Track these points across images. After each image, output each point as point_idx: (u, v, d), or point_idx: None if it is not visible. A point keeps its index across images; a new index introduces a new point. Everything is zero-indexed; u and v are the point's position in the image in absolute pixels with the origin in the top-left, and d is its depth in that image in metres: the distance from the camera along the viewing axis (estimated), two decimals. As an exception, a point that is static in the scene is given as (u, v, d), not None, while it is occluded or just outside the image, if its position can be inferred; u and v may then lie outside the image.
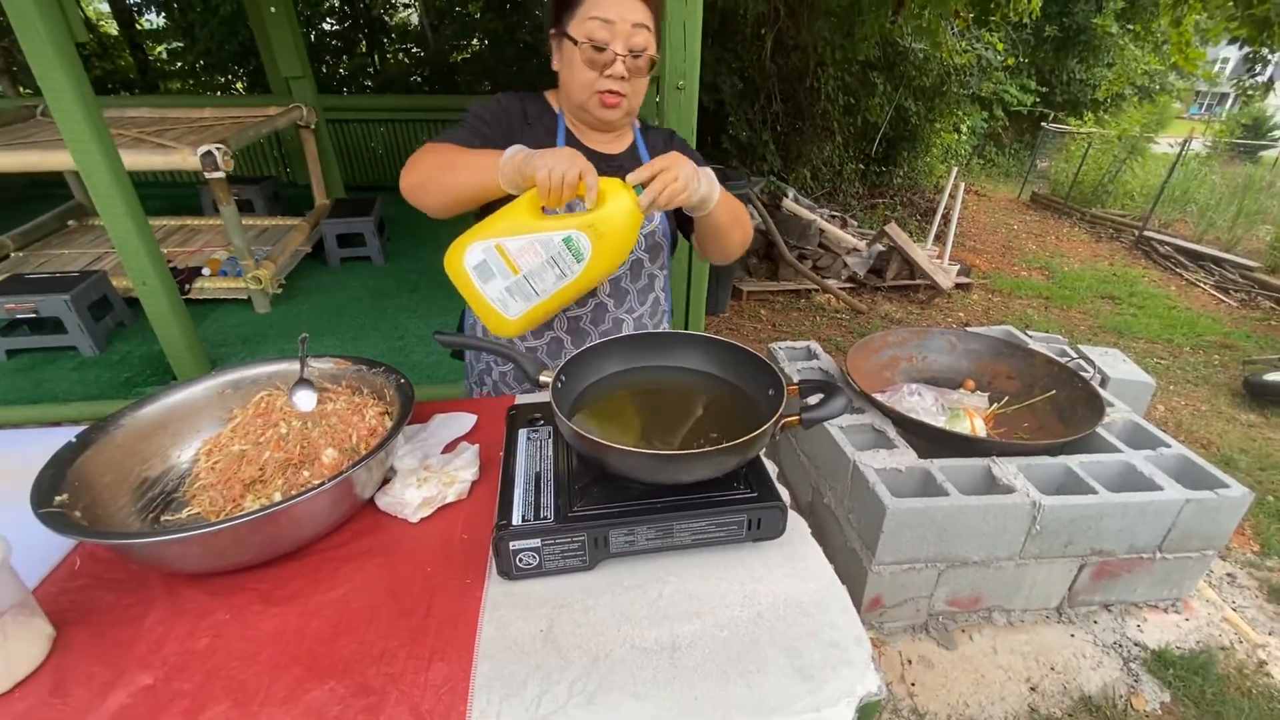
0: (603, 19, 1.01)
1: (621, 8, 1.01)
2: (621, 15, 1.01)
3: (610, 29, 1.02)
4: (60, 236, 3.33)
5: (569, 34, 1.04)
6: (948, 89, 7.31)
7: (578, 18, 1.03)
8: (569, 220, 0.95)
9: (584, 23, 1.02)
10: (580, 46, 1.03)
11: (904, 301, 5.04)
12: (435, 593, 0.81)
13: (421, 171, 1.03)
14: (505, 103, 1.15)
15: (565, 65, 1.08)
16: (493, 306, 0.99)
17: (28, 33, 1.65)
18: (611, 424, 0.88)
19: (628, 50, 1.03)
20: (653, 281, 1.25)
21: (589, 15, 1.01)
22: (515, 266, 0.96)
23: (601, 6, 1.01)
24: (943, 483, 1.78)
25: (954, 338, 2.47)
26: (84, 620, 0.80)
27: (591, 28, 1.02)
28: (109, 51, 6.94)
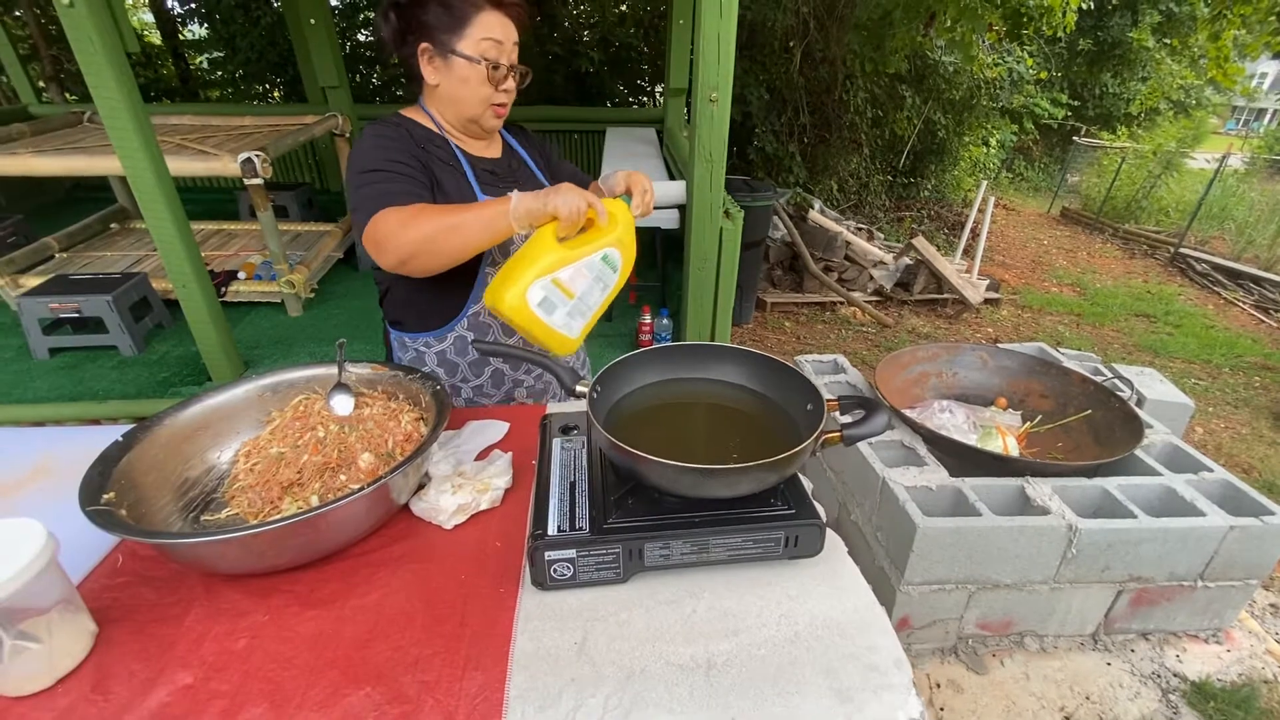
0: (494, 40, 1.12)
1: (506, 29, 1.13)
2: (507, 35, 1.13)
3: (500, 48, 1.13)
4: (103, 239, 3.43)
5: (463, 53, 1.11)
6: (977, 102, 7.24)
7: (469, 38, 1.11)
8: (601, 240, 1.06)
9: (478, 43, 1.11)
10: (480, 64, 1.12)
11: (931, 316, 4.97)
12: (470, 600, 0.82)
13: (414, 243, 1.03)
14: (397, 137, 1.15)
15: (458, 82, 1.14)
16: (559, 332, 1.06)
17: (82, 43, 1.71)
18: (647, 436, 0.88)
19: (510, 66, 1.15)
20: None
21: (482, 36, 1.11)
22: (570, 292, 1.05)
23: (492, 29, 1.11)
24: (975, 502, 1.75)
25: (985, 354, 2.43)
26: (126, 617, 0.81)
27: (485, 47, 1.11)
28: (152, 61, 7.18)
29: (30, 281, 2.74)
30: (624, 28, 6.95)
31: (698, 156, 2.02)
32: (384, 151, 1.12)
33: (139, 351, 2.52)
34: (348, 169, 1.15)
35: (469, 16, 1.10)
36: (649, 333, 2.50)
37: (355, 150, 1.14)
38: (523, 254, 1.04)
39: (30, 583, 0.69)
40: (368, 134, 1.15)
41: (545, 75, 6.77)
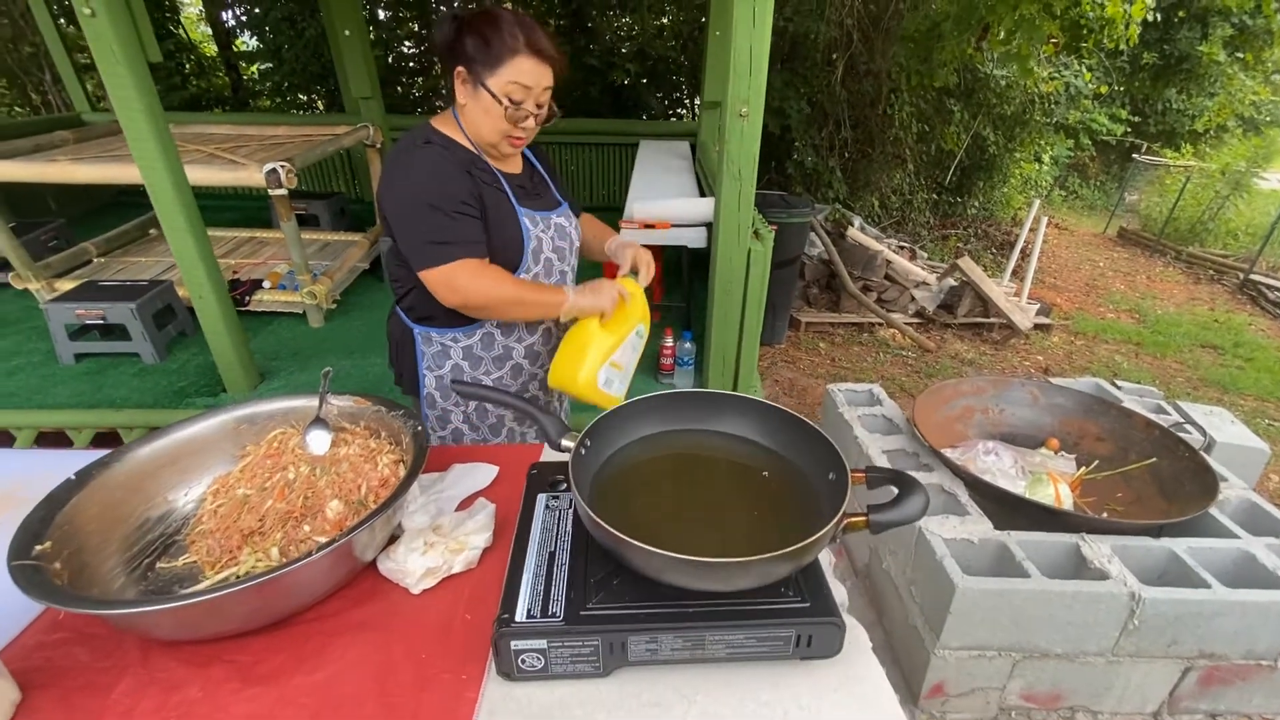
0: (522, 84, 1.15)
1: (538, 75, 1.15)
2: (538, 81, 1.16)
3: (527, 92, 1.16)
4: (140, 244, 3.50)
5: (490, 89, 1.14)
6: (1030, 117, 6.92)
7: (499, 77, 1.14)
8: (632, 320, 1.34)
9: (506, 84, 1.14)
10: (501, 103, 1.15)
11: (976, 341, 4.72)
12: (427, 687, 0.71)
13: (483, 302, 1.20)
14: (453, 167, 1.19)
15: (481, 110, 1.18)
16: (613, 396, 1.31)
17: (104, 53, 1.70)
18: (638, 504, 0.76)
19: (537, 107, 1.19)
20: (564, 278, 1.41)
21: (511, 79, 1.14)
22: (620, 366, 1.34)
23: (523, 74, 1.14)
24: (1022, 561, 1.57)
25: (1036, 389, 2.24)
26: (53, 683, 0.73)
27: (511, 89, 1.14)
28: (205, 71, 7.43)
29: (65, 286, 2.78)
30: (663, 40, 6.88)
31: (726, 173, 1.91)
32: (444, 185, 1.16)
33: (160, 359, 2.52)
34: (402, 191, 1.17)
35: (504, 58, 1.13)
36: (670, 356, 2.38)
37: (408, 173, 1.16)
38: (580, 343, 1.27)
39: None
40: (422, 160, 1.17)
41: (581, 87, 6.75)
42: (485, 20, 1.13)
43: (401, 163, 1.17)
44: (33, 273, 2.76)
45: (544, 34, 1.16)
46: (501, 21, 1.13)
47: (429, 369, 1.36)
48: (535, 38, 1.14)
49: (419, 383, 1.38)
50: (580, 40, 6.80)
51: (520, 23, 1.14)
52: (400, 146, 1.19)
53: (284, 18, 6.69)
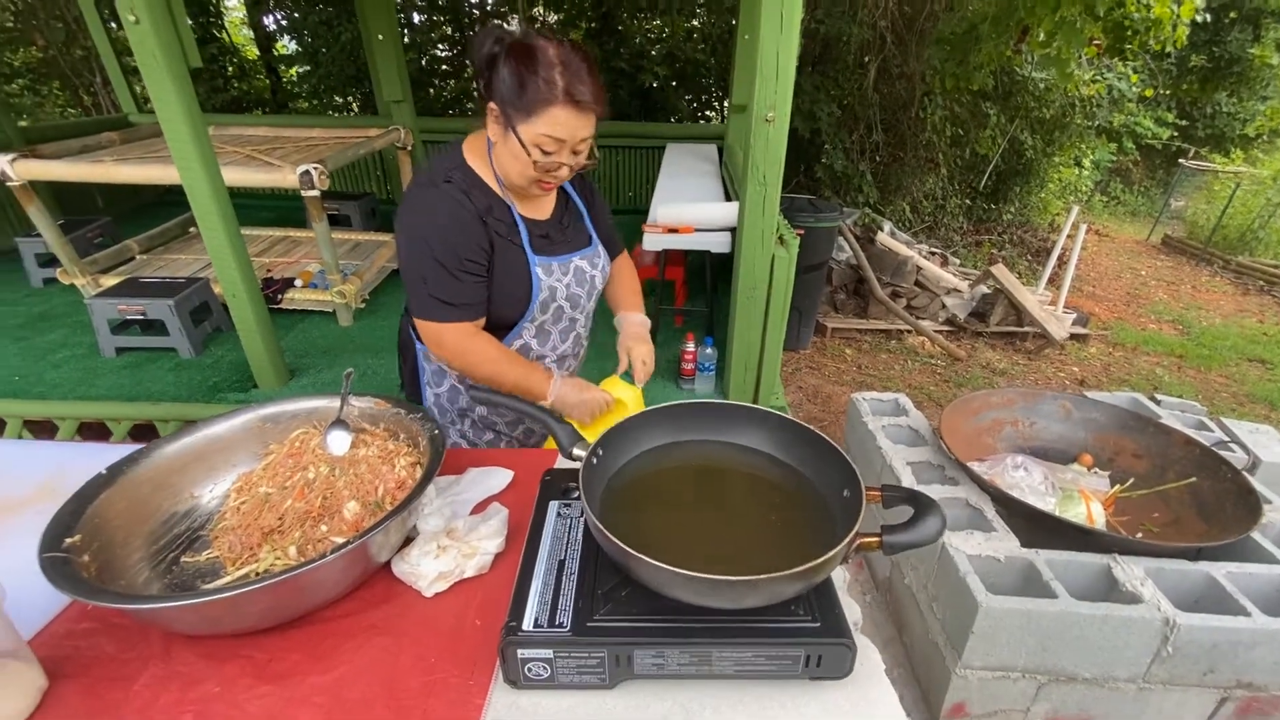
0: (556, 138, 1.04)
1: (574, 128, 1.04)
2: (573, 134, 1.05)
3: (560, 145, 1.06)
4: (181, 242, 3.62)
5: (520, 136, 1.05)
6: (1070, 121, 6.73)
7: (531, 126, 1.04)
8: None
9: (538, 134, 1.04)
10: (530, 151, 1.06)
11: (1009, 350, 4.61)
12: (434, 692, 0.72)
13: (462, 365, 1.18)
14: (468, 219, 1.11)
15: (510, 154, 1.09)
16: None
17: (146, 59, 1.76)
18: (649, 516, 0.76)
19: (572, 154, 1.09)
20: (574, 324, 1.35)
21: (544, 131, 1.04)
22: None
23: (557, 126, 1.03)
24: (1049, 580, 1.52)
25: (1069, 403, 2.17)
26: (79, 673, 0.75)
27: (543, 140, 1.05)
28: (247, 73, 7.66)
29: (109, 282, 2.89)
30: (692, 43, 6.87)
31: (750, 179, 1.89)
32: (453, 239, 1.10)
33: (196, 354, 2.60)
34: (412, 232, 1.11)
35: (538, 106, 1.02)
36: (692, 361, 2.37)
37: (422, 215, 1.10)
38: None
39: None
40: (438, 204, 1.10)
41: (610, 90, 6.76)
42: (523, 57, 1.01)
43: (420, 200, 1.11)
44: (79, 268, 2.87)
45: (588, 78, 1.03)
46: (540, 63, 1.00)
47: (428, 384, 1.35)
48: (575, 86, 1.01)
49: (420, 394, 1.38)
50: (610, 43, 6.82)
51: (563, 64, 1.01)
52: (423, 179, 1.13)
53: (322, 21, 6.86)
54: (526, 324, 1.23)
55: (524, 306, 1.20)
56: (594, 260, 1.31)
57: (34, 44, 6.78)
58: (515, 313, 1.20)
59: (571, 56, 1.02)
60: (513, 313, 1.21)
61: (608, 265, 1.37)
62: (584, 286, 1.29)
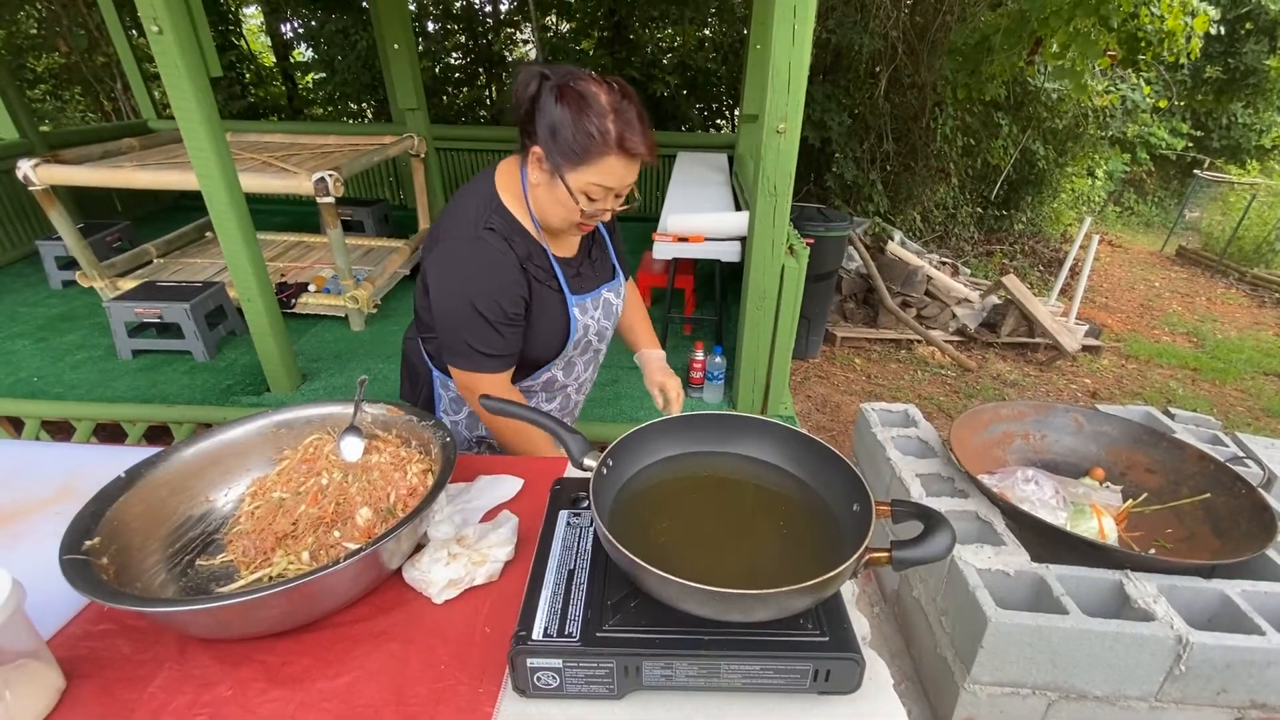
0: (606, 186, 1.03)
1: (625, 175, 1.03)
2: (623, 181, 1.04)
3: (607, 192, 1.04)
4: (197, 246, 3.67)
5: (568, 184, 1.03)
6: (1083, 131, 6.70)
7: (580, 175, 1.02)
8: None
9: (587, 183, 1.02)
10: (577, 199, 1.04)
11: (1020, 361, 4.58)
12: (444, 699, 0.72)
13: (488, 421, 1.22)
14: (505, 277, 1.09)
15: (553, 199, 1.07)
16: None
17: (169, 68, 1.79)
18: (658, 526, 0.76)
19: (615, 198, 1.07)
20: (598, 353, 1.37)
21: (594, 180, 1.02)
22: None
23: (609, 175, 1.01)
24: (1060, 596, 1.51)
25: (1081, 416, 2.15)
26: (95, 674, 0.76)
27: (593, 188, 1.03)
28: (264, 80, 7.77)
29: (126, 285, 2.93)
30: (704, 52, 6.91)
31: (761, 189, 1.90)
32: (495, 292, 1.08)
33: (210, 358, 2.63)
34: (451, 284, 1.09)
35: (590, 156, 0.99)
36: (700, 370, 2.37)
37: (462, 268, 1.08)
38: None
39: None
40: (479, 257, 1.07)
41: (623, 98, 6.82)
42: (574, 103, 0.96)
43: (462, 254, 1.07)
44: (98, 271, 2.91)
45: (639, 125, 1.00)
46: (592, 110, 0.96)
47: (445, 412, 1.36)
48: (628, 136, 0.98)
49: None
50: (621, 52, 6.88)
51: (615, 112, 0.98)
52: (462, 229, 1.08)
53: (338, 30, 6.96)
54: (558, 361, 1.24)
55: (559, 346, 1.20)
56: (618, 290, 1.31)
57: (57, 50, 6.92)
58: (550, 353, 1.20)
59: (622, 103, 0.99)
60: (547, 354, 1.20)
61: (625, 292, 1.36)
62: (610, 319, 1.29)
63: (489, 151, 4.94)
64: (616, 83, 1.01)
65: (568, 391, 1.37)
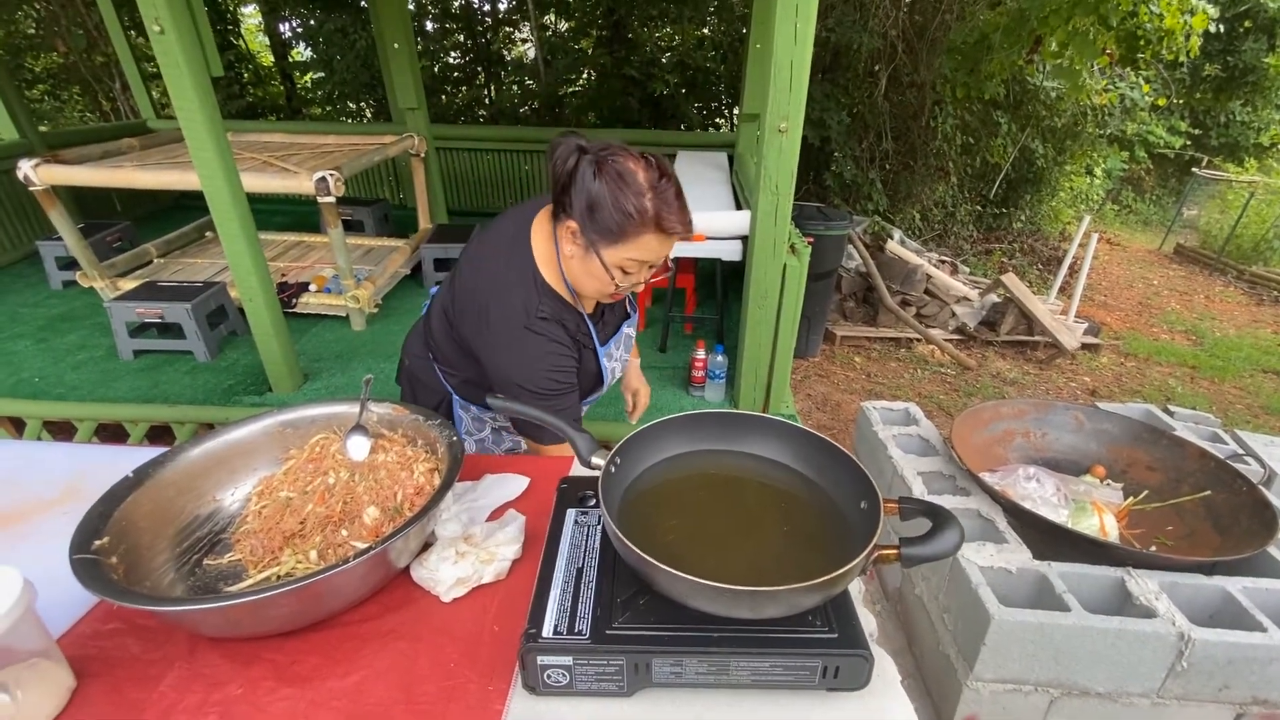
0: (642, 260, 1.02)
1: (660, 251, 1.02)
2: (658, 257, 1.03)
3: (642, 266, 1.03)
4: (197, 246, 3.66)
5: (604, 260, 1.02)
6: (1082, 129, 6.71)
7: (617, 250, 1.01)
8: None
9: (623, 259, 1.02)
10: (613, 273, 1.03)
11: (1019, 359, 4.59)
12: (454, 697, 0.72)
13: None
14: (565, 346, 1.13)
15: (586, 273, 1.06)
16: None
17: (171, 68, 1.79)
18: (666, 524, 0.77)
19: (649, 268, 1.06)
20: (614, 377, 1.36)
21: (630, 256, 1.01)
22: None
23: (646, 252, 1.01)
24: (1063, 593, 1.52)
25: (1081, 414, 2.16)
26: (106, 673, 0.77)
27: (628, 263, 1.02)
28: (263, 80, 7.76)
29: (127, 285, 2.93)
30: (703, 51, 6.91)
31: (763, 188, 1.90)
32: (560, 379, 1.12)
33: (212, 358, 2.63)
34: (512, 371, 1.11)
35: (627, 235, 0.99)
36: (702, 369, 2.38)
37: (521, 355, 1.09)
38: None
39: (1, 636, 0.66)
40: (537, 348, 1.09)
41: (620, 98, 6.82)
42: (613, 180, 0.95)
43: (514, 345, 1.08)
44: (98, 272, 2.91)
45: (676, 202, 0.99)
46: (630, 189, 0.95)
47: (469, 433, 1.39)
48: (666, 215, 0.97)
49: None
50: (620, 51, 6.87)
51: (653, 190, 0.96)
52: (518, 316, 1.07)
53: (337, 29, 6.95)
54: (594, 397, 1.31)
55: (591, 391, 1.27)
56: (633, 321, 1.35)
57: (55, 50, 6.90)
58: (585, 394, 1.26)
59: (660, 181, 0.98)
60: (583, 395, 1.25)
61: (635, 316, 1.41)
62: (628, 350, 1.35)
63: (488, 151, 4.94)
64: (655, 159, 1.00)
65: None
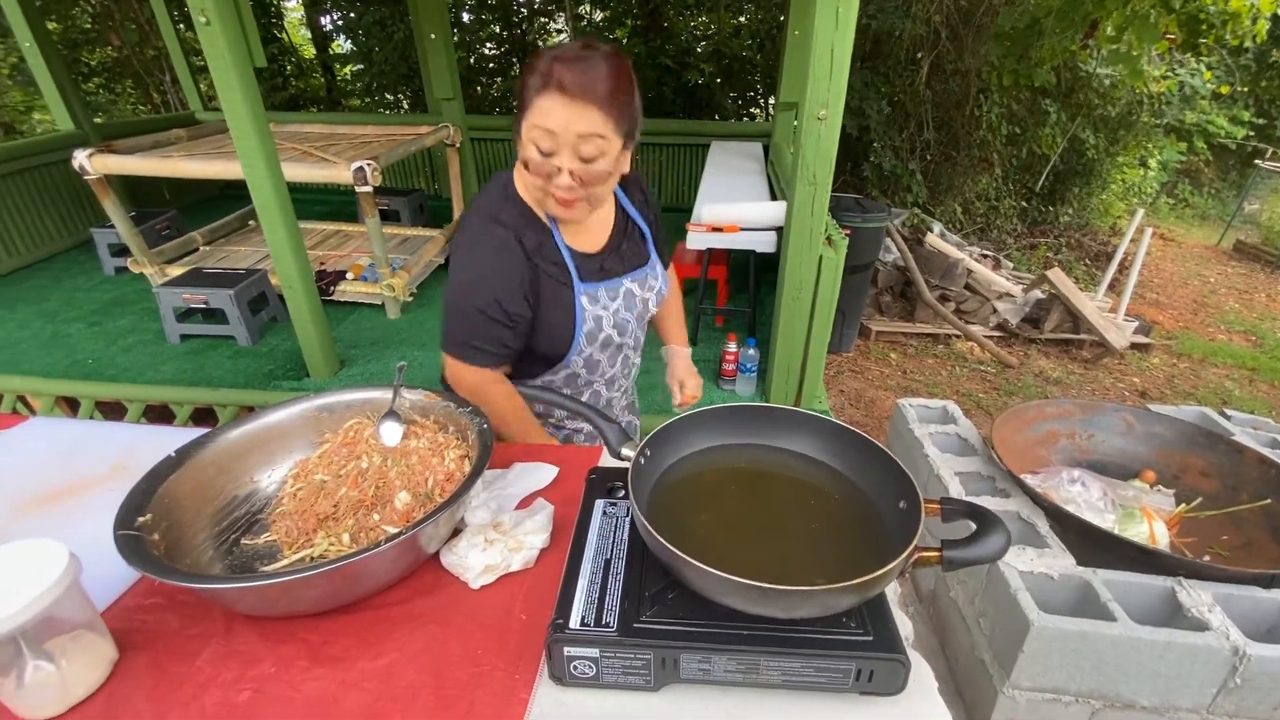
0: (544, 128, 0.93)
1: (566, 118, 0.91)
2: (565, 126, 0.91)
3: (552, 139, 0.93)
4: (241, 234, 3.76)
5: (521, 138, 0.96)
6: (1137, 119, 6.42)
7: (527, 120, 0.95)
8: None
9: (530, 128, 0.94)
10: (527, 148, 0.95)
11: (1064, 359, 4.43)
12: (481, 684, 0.72)
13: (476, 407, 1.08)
14: (512, 271, 1.07)
15: (520, 164, 1.00)
16: None
17: (216, 59, 1.83)
18: (697, 518, 0.75)
19: (577, 159, 0.95)
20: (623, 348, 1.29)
21: (535, 122, 0.93)
22: None
23: (547, 115, 0.92)
24: (1108, 602, 1.46)
25: (1131, 416, 2.07)
26: (147, 645, 0.79)
27: (536, 135, 0.94)
28: (304, 72, 7.92)
29: (174, 271, 3.03)
30: (739, 39, 6.81)
31: (800, 178, 1.86)
32: (500, 288, 1.06)
33: (253, 343, 2.70)
34: (460, 271, 1.08)
35: (530, 97, 0.94)
36: (733, 362, 2.35)
37: (472, 255, 1.06)
38: None
39: (49, 607, 0.68)
40: (489, 247, 1.05)
41: (655, 88, 6.77)
42: (530, 58, 0.98)
43: (474, 238, 1.06)
44: (148, 258, 3.01)
45: (587, 68, 0.92)
46: (539, 57, 0.94)
47: None
48: (565, 74, 0.90)
49: None
50: (656, 40, 6.81)
51: (560, 58, 0.92)
52: (481, 211, 1.08)
53: (375, 21, 7.05)
54: (574, 357, 1.20)
55: (568, 341, 1.16)
56: (647, 281, 1.24)
57: (110, 44, 7.16)
58: (562, 347, 1.16)
59: (578, 51, 0.93)
60: (559, 347, 1.17)
61: (665, 288, 1.28)
62: (632, 310, 1.22)
63: (523, 141, 4.95)
64: (601, 45, 0.96)
65: (595, 388, 1.31)
